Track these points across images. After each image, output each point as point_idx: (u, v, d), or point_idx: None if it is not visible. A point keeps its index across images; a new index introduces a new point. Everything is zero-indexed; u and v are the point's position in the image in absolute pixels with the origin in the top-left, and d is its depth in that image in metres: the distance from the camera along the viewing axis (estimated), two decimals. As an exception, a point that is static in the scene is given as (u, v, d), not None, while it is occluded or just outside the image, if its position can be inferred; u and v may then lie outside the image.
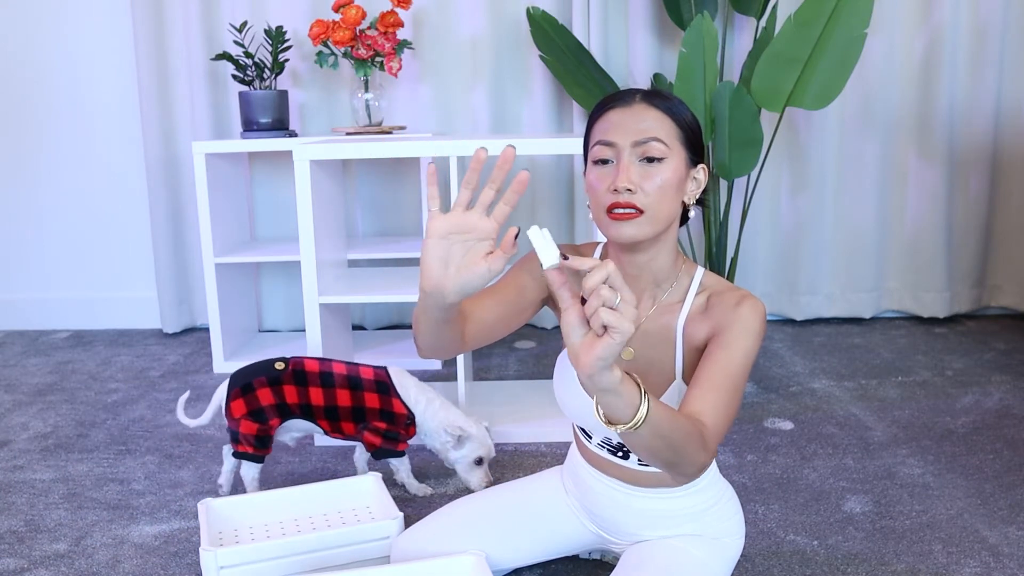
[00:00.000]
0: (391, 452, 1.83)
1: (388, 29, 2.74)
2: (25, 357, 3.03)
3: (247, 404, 1.78)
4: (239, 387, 1.79)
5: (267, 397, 1.78)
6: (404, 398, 1.83)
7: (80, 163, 3.28)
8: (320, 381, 1.80)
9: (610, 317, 0.85)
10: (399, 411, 1.81)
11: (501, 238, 2.59)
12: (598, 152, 1.19)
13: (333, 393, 1.80)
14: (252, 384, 1.79)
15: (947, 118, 3.07)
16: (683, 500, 1.33)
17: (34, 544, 1.70)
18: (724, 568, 1.33)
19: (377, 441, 1.81)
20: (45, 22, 3.18)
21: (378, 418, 1.81)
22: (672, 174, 1.18)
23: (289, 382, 1.79)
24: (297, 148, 2.06)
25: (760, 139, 2.52)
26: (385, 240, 3.06)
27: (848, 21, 2.36)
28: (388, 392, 1.82)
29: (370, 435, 1.81)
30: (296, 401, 1.79)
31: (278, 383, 1.79)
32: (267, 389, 1.78)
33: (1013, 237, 3.22)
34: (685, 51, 2.44)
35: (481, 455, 1.82)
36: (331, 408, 1.80)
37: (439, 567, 1.35)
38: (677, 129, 1.20)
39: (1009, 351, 2.83)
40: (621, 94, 1.22)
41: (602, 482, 1.36)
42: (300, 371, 1.80)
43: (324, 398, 1.79)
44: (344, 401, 1.80)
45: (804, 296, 3.21)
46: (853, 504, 1.79)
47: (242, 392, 1.78)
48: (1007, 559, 1.56)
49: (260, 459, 1.81)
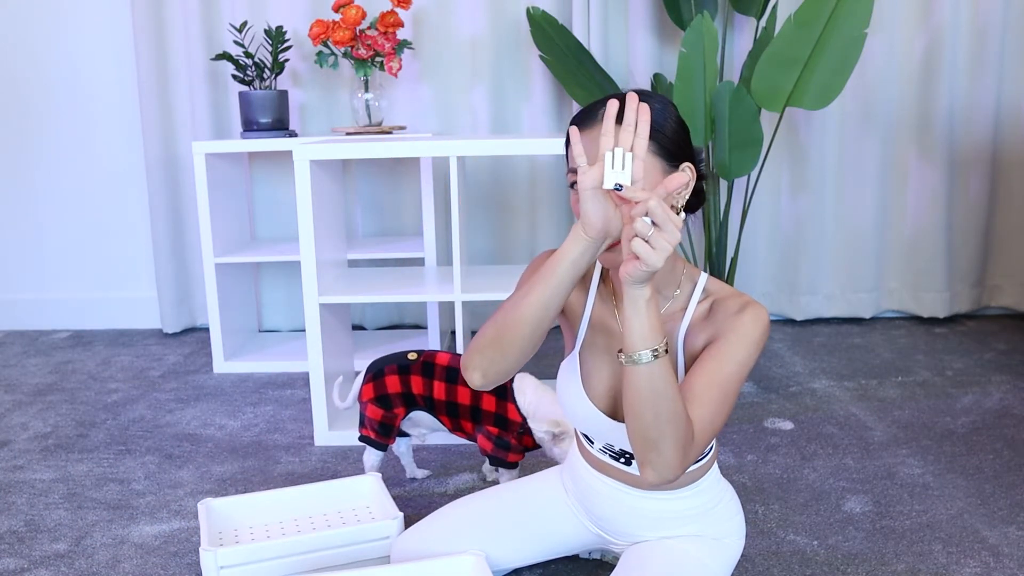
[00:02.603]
0: (501, 462, 1.77)
1: (388, 29, 2.74)
2: (25, 357, 3.03)
3: (375, 389, 1.79)
4: (371, 373, 1.81)
5: (394, 385, 1.79)
6: (520, 403, 1.76)
7: (80, 163, 3.28)
8: (445, 375, 1.78)
9: (640, 248, 1.00)
10: (513, 418, 1.76)
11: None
12: (572, 178, 1.17)
13: (455, 389, 1.78)
14: (383, 370, 1.80)
15: (947, 118, 3.07)
16: (685, 501, 1.33)
17: (34, 544, 1.70)
18: (724, 568, 1.33)
19: (488, 447, 1.77)
20: (45, 22, 3.18)
21: (492, 422, 1.77)
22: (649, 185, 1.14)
23: (417, 372, 1.79)
24: (297, 148, 2.06)
25: (760, 139, 2.52)
26: (385, 240, 3.06)
27: (848, 21, 2.36)
28: (504, 397, 1.77)
29: (483, 439, 1.77)
30: (421, 392, 1.79)
31: (407, 372, 1.79)
32: (396, 377, 1.79)
33: (1013, 237, 3.22)
34: (685, 51, 2.44)
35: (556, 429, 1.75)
36: (452, 404, 1.78)
37: (439, 567, 1.35)
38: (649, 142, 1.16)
39: (1009, 351, 2.83)
40: (587, 113, 1.18)
41: (603, 482, 1.36)
42: (429, 363, 1.80)
43: (446, 393, 1.78)
44: (464, 399, 1.77)
45: (804, 296, 3.21)
46: (853, 504, 1.79)
47: (373, 377, 1.80)
48: (1007, 559, 1.56)
49: (382, 447, 1.82)
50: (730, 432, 2.19)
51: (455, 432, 1.82)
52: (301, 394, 2.57)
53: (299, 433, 2.26)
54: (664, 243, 1.00)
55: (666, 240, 1.00)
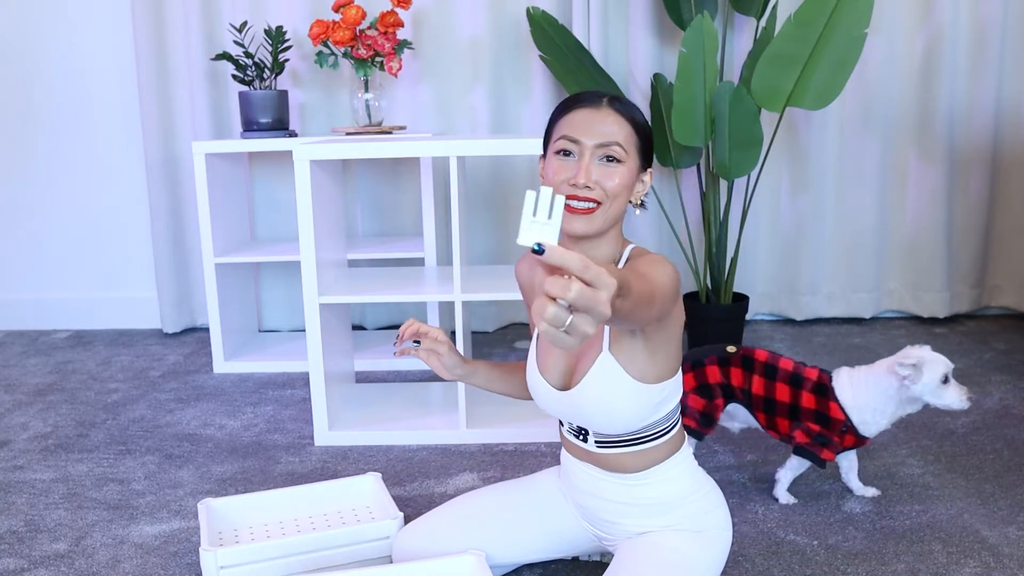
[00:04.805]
0: (813, 456, 1.73)
1: (388, 29, 2.74)
2: (25, 357, 3.03)
3: (696, 379, 1.79)
4: (690, 362, 1.80)
5: (715, 375, 1.78)
6: (842, 401, 1.72)
7: (80, 163, 3.28)
8: (764, 371, 1.77)
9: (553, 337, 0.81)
10: (835, 416, 1.72)
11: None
12: (562, 144, 1.27)
13: (773, 386, 1.76)
14: (703, 361, 1.80)
15: (947, 118, 3.07)
16: (653, 488, 1.35)
17: (34, 544, 1.70)
18: (710, 560, 1.34)
19: (805, 439, 1.73)
20: (45, 22, 3.18)
21: (812, 419, 1.74)
22: (627, 176, 1.27)
23: (736, 365, 1.78)
24: (297, 148, 2.06)
25: (760, 139, 2.52)
26: (385, 240, 3.06)
27: (848, 21, 2.36)
28: (826, 395, 1.73)
29: (801, 433, 1.74)
30: (740, 385, 1.77)
31: (727, 364, 1.78)
32: (716, 368, 1.78)
33: (1013, 237, 3.22)
34: (685, 51, 2.44)
35: (942, 371, 1.68)
36: (769, 400, 1.76)
37: (439, 567, 1.36)
38: (635, 136, 1.29)
39: (1009, 351, 2.83)
40: (589, 95, 1.30)
41: (579, 467, 1.41)
42: (748, 358, 1.78)
43: (764, 388, 1.76)
44: (782, 396, 1.75)
45: (804, 296, 3.21)
46: (853, 504, 1.79)
47: (692, 367, 1.80)
48: (1007, 559, 1.56)
49: (701, 436, 1.80)
50: (730, 432, 2.19)
51: (768, 430, 1.79)
52: (301, 394, 2.57)
53: (299, 433, 2.26)
54: (587, 328, 0.81)
55: (588, 327, 0.81)
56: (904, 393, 1.69)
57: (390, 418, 2.26)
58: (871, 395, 1.71)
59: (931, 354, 1.69)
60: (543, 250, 0.80)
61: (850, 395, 1.72)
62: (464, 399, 2.16)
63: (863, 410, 1.71)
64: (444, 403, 2.38)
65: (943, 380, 1.68)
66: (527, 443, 2.15)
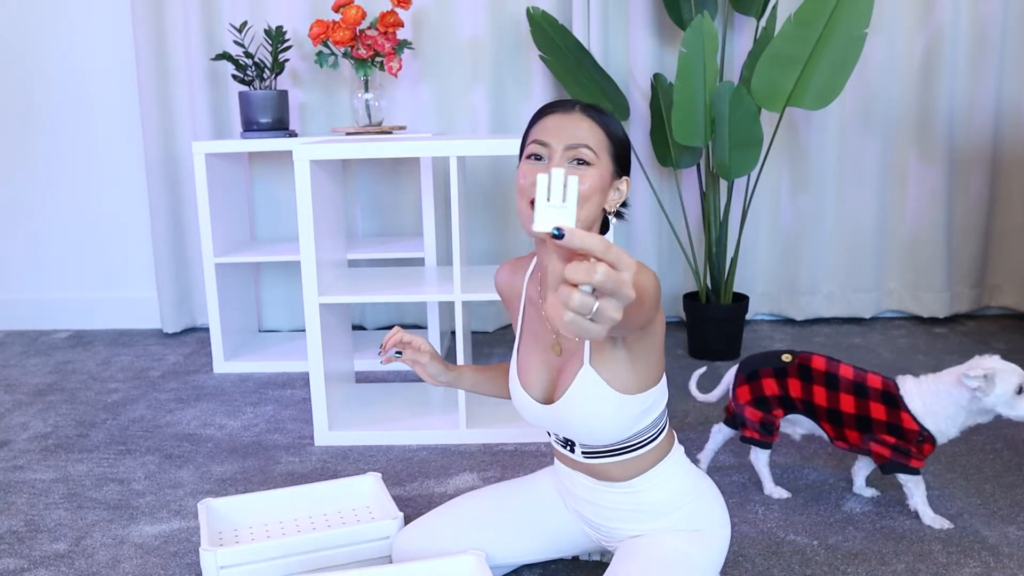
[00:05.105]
0: (903, 467, 1.67)
1: (388, 29, 2.74)
2: (25, 357, 3.03)
3: (751, 391, 1.76)
4: (745, 374, 1.77)
5: (771, 387, 1.74)
6: (912, 410, 1.65)
7: (80, 163, 3.28)
8: (825, 381, 1.71)
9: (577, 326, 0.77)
10: (909, 427, 1.64)
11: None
12: (533, 148, 1.27)
13: (837, 397, 1.69)
14: (758, 372, 1.76)
15: (947, 118, 3.07)
16: (646, 494, 1.35)
17: (34, 544, 1.70)
18: (709, 558, 1.34)
19: (887, 453, 1.67)
20: (45, 22, 3.18)
21: (885, 431, 1.66)
22: (597, 180, 1.25)
23: (794, 375, 1.73)
24: (297, 148, 2.06)
25: (760, 139, 2.52)
26: (385, 240, 3.06)
27: (848, 21, 2.36)
28: (896, 405, 1.66)
29: (878, 446, 1.67)
30: (799, 396, 1.72)
31: (783, 375, 1.73)
32: (772, 380, 1.74)
33: (1013, 237, 3.22)
34: (685, 51, 2.44)
35: (1016, 381, 1.60)
36: (834, 412, 1.70)
37: (439, 567, 1.36)
38: (608, 141, 1.27)
39: (1009, 351, 2.83)
40: (563, 103, 1.30)
41: (570, 475, 1.42)
42: (806, 367, 1.72)
43: (827, 399, 1.70)
44: (847, 407, 1.68)
45: (804, 296, 3.21)
46: (853, 504, 1.79)
47: (747, 379, 1.77)
48: (1007, 559, 1.56)
49: (767, 445, 1.78)
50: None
51: (836, 442, 1.72)
52: (301, 394, 2.57)
53: (299, 433, 2.26)
54: (614, 314, 0.78)
55: (615, 311, 0.78)
56: (976, 404, 1.62)
57: (390, 418, 2.26)
58: (942, 405, 1.64)
59: (1003, 364, 1.62)
60: (563, 234, 0.76)
61: (920, 404, 1.65)
62: (464, 399, 2.16)
63: (936, 419, 1.64)
64: (444, 403, 2.38)
65: (1017, 391, 1.60)
66: (527, 443, 2.15)
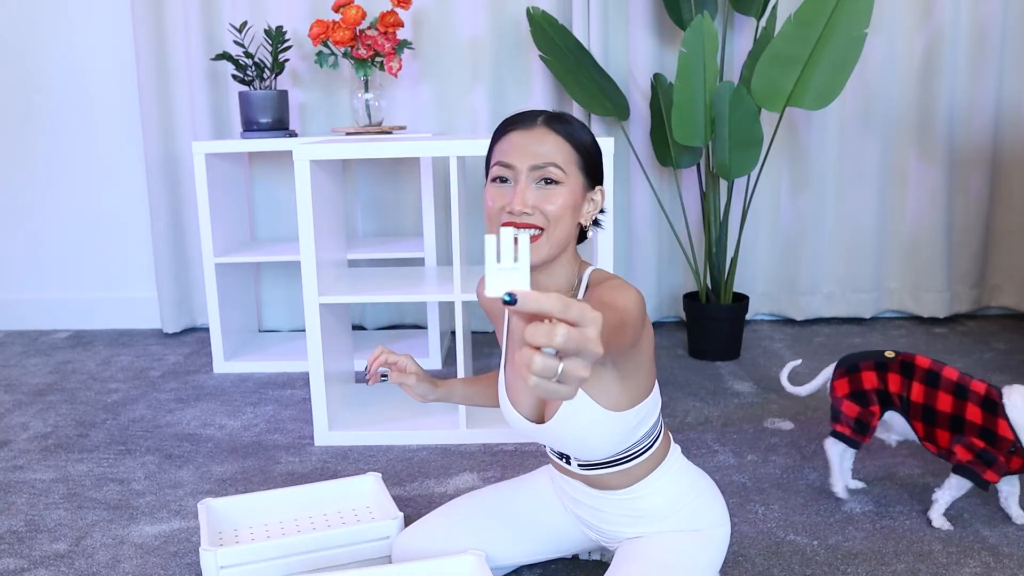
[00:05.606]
0: (975, 476, 1.61)
1: (388, 29, 2.74)
2: (25, 357, 3.03)
3: (850, 384, 1.73)
4: (845, 367, 1.75)
5: (871, 381, 1.71)
6: (1012, 419, 1.58)
7: (80, 163, 3.28)
8: (925, 378, 1.67)
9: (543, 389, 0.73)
10: (1003, 434, 1.59)
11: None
12: (497, 171, 1.21)
13: (935, 394, 1.66)
14: (858, 365, 1.73)
15: (947, 118, 3.07)
16: (645, 500, 1.34)
17: (34, 544, 1.70)
18: (708, 558, 1.34)
19: (967, 456, 1.61)
20: (45, 22, 3.18)
21: (977, 434, 1.61)
22: (569, 197, 1.20)
23: (895, 371, 1.70)
24: (297, 148, 2.06)
25: (760, 139, 2.52)
26: (385, 240, 3.06)
27: (848, 21, 2.36)
28: (995, 412, 1.60)
29: (963, 449, 1.62)
30: (898, 391, 1.69)
31: (884, 369, 1.71)
32: (872, 373, 1.71)
33: (1013, 237, 3.22)
34: (685, 51, 2.44)
35: None
36: (929, 409, 1.66)
37: (439, 567, 1.36)
38: (575, 154, 1.22)
39: (1009, 351, 2.83)
40: (523, 116, 1.24)
41: (567, 482, 1.41)
42: (908, 363, 1.70)
43: (924, 396, 1.67)
44: (944, 406, 1.64)
45: (804, 296, 3.21)
46: (853, 504, 1.79)
47: (847, 372, 1.74)
48: (1007, 559, 1.56)
49: (857, 445, 1.75)
50: (730, 432, 2.19)
51: (925, 442, 1.69)
52: (301, 394, 2.57)
53: (299, 433, 2.26)
54: (581, 373, 0.73)
55: (582, 370, 0.73)
56: None
57: (390, 418, 2.26)
58: None
59: None
60: (515, 300, 0.71)
61: (1022, 415, 1.58)
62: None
63: None
64: (444, 404, 2.38)
65: None
66: (527, 443, 2.15)
